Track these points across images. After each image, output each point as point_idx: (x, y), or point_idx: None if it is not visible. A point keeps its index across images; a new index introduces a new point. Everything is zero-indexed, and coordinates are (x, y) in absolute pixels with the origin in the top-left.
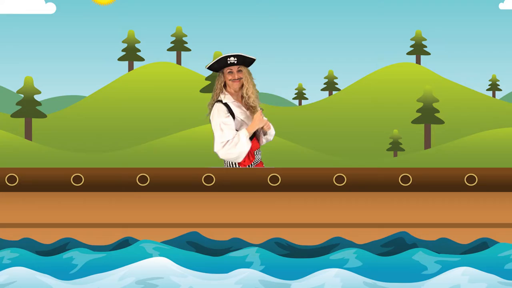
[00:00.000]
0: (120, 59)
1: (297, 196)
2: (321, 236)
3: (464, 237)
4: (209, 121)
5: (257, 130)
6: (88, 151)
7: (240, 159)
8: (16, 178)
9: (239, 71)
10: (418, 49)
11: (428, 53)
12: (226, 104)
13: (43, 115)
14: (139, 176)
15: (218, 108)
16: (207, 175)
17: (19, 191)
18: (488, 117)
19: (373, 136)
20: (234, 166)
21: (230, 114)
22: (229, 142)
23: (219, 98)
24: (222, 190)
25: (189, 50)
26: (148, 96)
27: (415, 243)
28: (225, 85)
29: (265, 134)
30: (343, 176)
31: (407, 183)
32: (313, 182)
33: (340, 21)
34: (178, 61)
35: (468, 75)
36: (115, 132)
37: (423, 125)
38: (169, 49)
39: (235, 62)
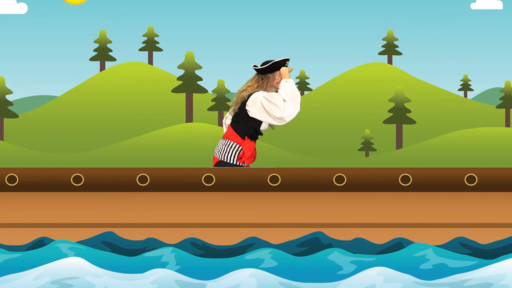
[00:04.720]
0: (92, 59)
1: (297, 196)
2: (237, 236)
3: (380, 237)
4: (246, 110)
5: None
6: (60, 151)
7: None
8: (16, 178)
9: None
10: (390, 49)
11: (399, 53)
12: None
13: (14, 115)
14: (139, 176)
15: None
16: (207, 175)
17: (19, 191)
18: (460, 117)
19: (344, 136)
20: (234, 160)
21: None
22: (284, 100)
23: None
24: (222, 190)
25: (160, 50)
26: (119, 96)
27: (330, 243)
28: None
29: (273, 128)
30: (343, 176)
31: (407, 183)
32: (313, 182)
33: (311, 21)
34: (150, 61)
35: (440, 75)
36: (86, 132)
37: (394, 125)
38: (140, 49)
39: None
